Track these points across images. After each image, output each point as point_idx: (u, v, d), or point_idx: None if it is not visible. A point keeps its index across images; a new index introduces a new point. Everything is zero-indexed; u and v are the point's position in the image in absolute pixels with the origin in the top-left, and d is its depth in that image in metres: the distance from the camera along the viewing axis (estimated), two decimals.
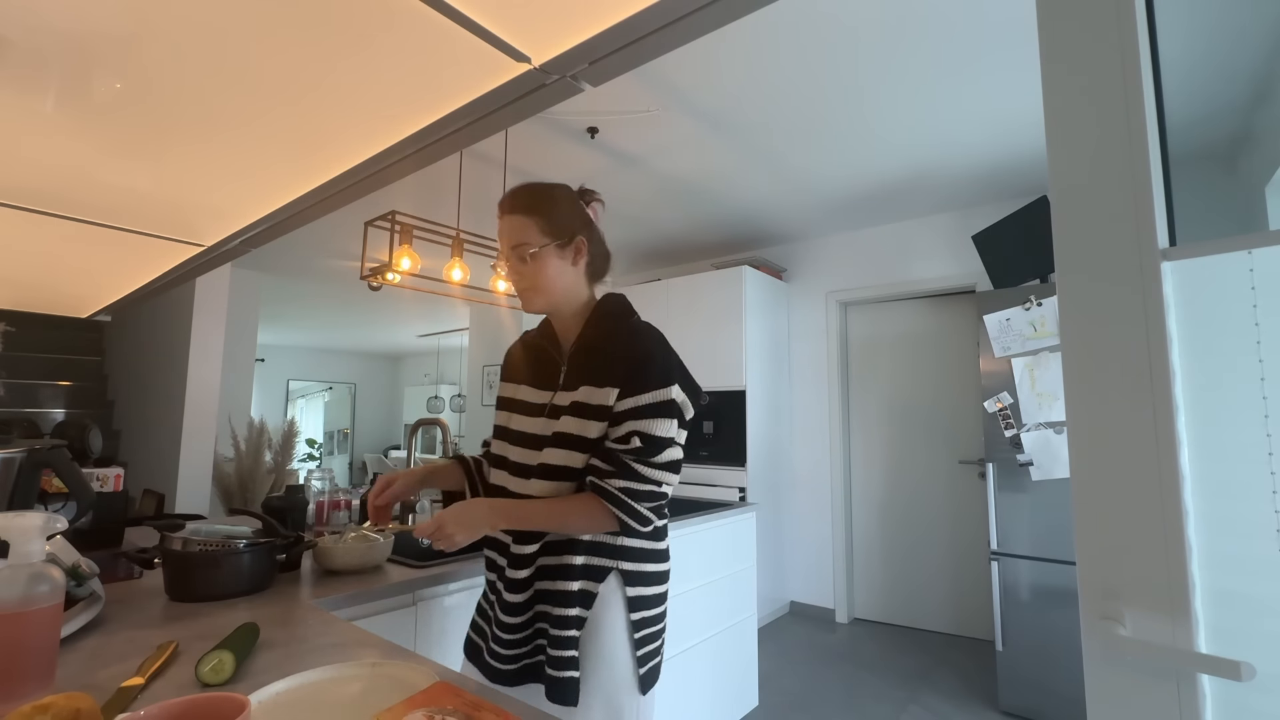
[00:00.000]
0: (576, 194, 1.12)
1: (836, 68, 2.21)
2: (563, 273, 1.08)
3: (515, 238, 1.05)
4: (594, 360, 1.06)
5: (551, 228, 1.06)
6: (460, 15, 0.50)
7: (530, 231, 1.05)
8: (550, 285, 1.07)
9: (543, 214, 1.05)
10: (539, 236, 1.05)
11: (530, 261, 1.05)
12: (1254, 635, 0.64)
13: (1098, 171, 0.73)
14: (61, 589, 0.76)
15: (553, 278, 1.07)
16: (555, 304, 1.10)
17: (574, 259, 1.09)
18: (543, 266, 1.06)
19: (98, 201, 0.96)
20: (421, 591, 1.48)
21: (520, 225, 1.05)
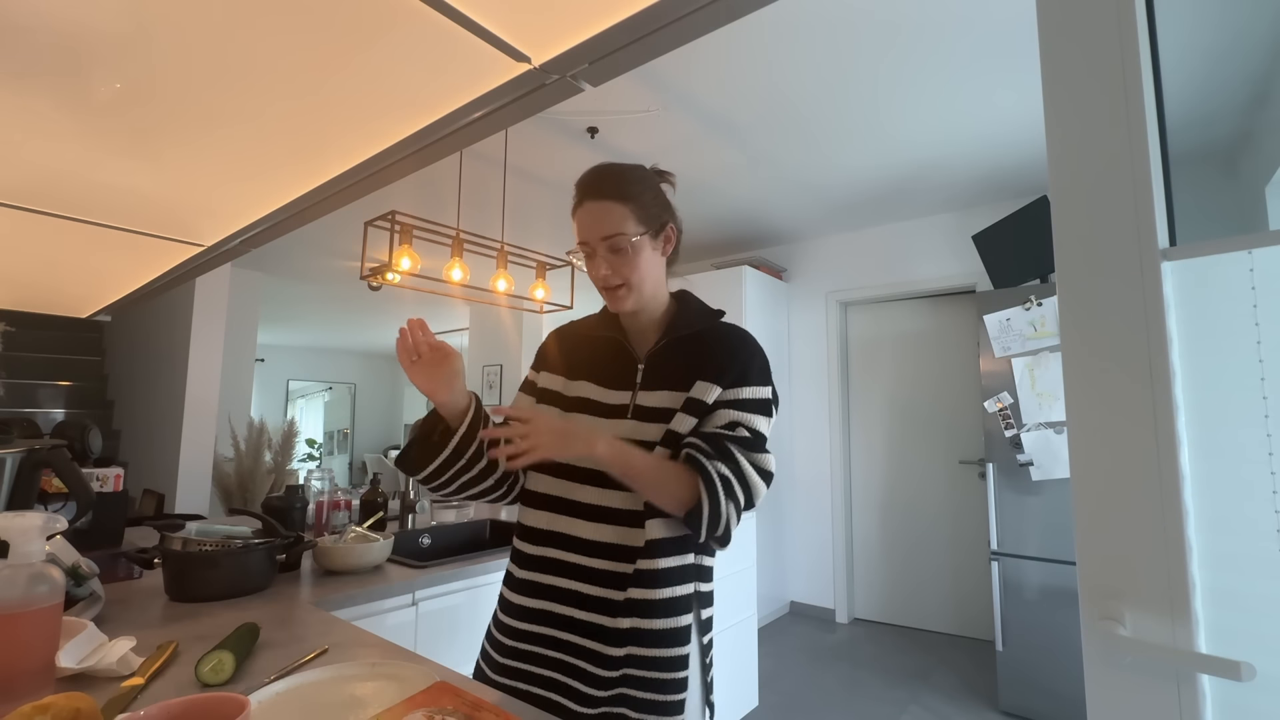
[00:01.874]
0: (655, 174, 1.01)
1: (836, 68, 2.21)
2: (655, 265, 0.98)
3: (609, 227, 0.92)
4: (691, 359, 0.96)
5: (645, 215, 0.95)
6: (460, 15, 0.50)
7: (626, 220, 0.93)
8: (644, 280, 0.96)
9: (636, 200, 0.94)
10: (635, 225, 0.93)
11: (625, 254, 0.93)
12: (1254, 635, 0.64)
13: (1098, 171, 0.73)
14: (61, 589, 0.76)
15: (647, 271, 0.96)
16: (645, 300, 0.98)
17: (664, 249, 1.00)
18: (639, 259, 0.94)
19: (98, 201, 0.96)
20: (421, 591, 1.48)
21: (613, 213, 0.93)
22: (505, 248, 2.59)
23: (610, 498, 0.92)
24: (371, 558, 1.50)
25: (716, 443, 0.88)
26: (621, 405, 0.96)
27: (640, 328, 1.02)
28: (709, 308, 1.04)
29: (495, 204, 3.21)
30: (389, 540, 1.57)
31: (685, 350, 0.97)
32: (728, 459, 0.87)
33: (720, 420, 0.91)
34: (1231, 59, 2.15)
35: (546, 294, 2.77)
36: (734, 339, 0.99)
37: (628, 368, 0.99)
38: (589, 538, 0.92)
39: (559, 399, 1.01)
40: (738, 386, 0.93)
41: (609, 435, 0.87)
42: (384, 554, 1.55)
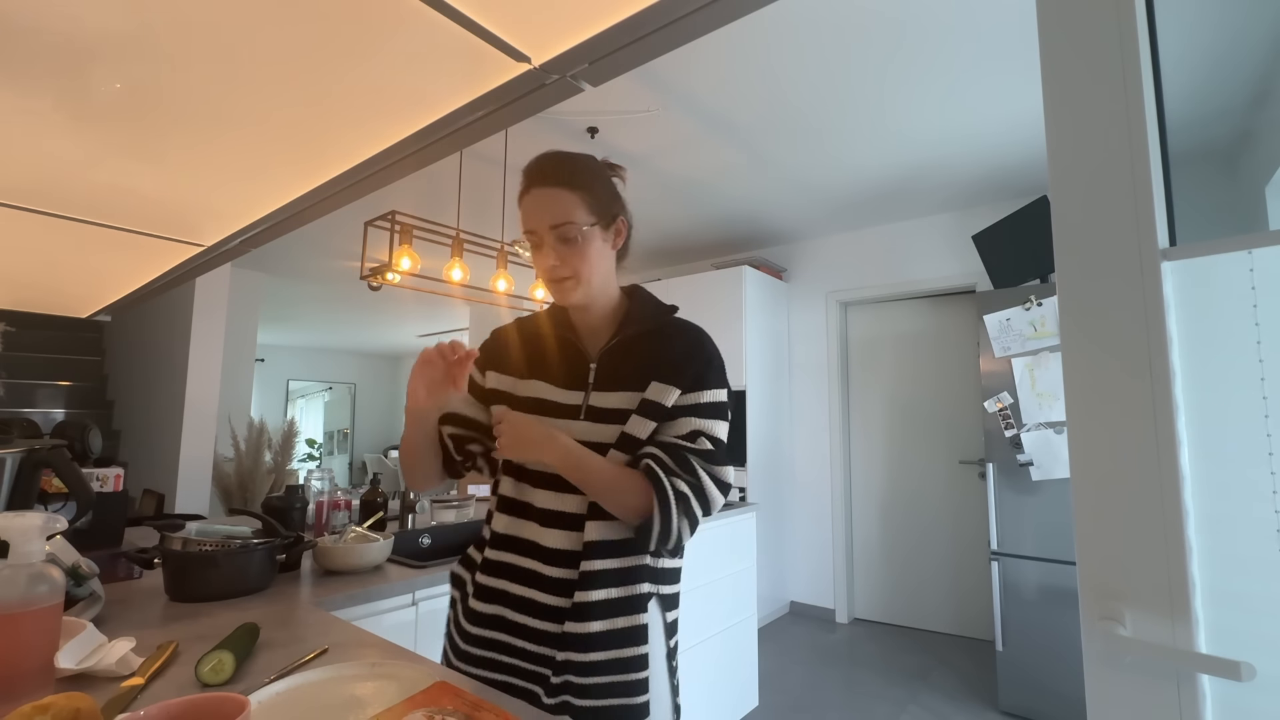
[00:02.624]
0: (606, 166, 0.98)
1: (837, 68, 2.21)
2: (604, 258, 0.94)
3: (559, 215, 0.89)
4: (645, 359, 0.93)
5: (596, 205, 0.91)
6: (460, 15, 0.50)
7: (576, 208, 0.89)
8: (593, 272, 0.92)
9: (587, 189, 0.91)
10: (585, 215, 0.90)
11: (575, 244, 0.89)
12: (1254, 635, 0.64)
13: (1098, 171, 0.73)
14: (61, 589, 0.76)
15: (597, 264, 0.92)
16: (594, 294, 0.94)
17: (615, 242, 0.96)
18: (588, 250, 0.90)
19: (98, 201, 0.96)
20: (421, 591, 1.48)
21: (564, 200, 0.89)
22: (505, 248, 2.58)
23: (565, 502, 0.90)
24: (371, 558, 1.50)
25: (678, 455, 0.88)
26: (574, 406, 0.93)
27: (591, 325, 0.99)
28: (662, 303, 1.01)
29: (495, 204, 3.21)
30: (389, 540, 1.57)
31: (639, 348, 0.95)
32: (689, 473, 0.87)
33: (681, 429, 0.90)
34: (1231, 59, 2.15)
35: (547, 294, 2.77)
36: (689, 337, 0.96)
37: (580, 367, 0.96)
38: (544, 544, 0.90)
39: (509, 399, 0.97)
40: (697, 390, 0.91)
41: (565, 439, 0.86)
42: (384, 554, 1.55)
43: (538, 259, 0.92)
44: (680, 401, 0.90)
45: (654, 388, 0.90)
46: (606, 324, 0.99)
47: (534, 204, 0.91)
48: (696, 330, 0.98)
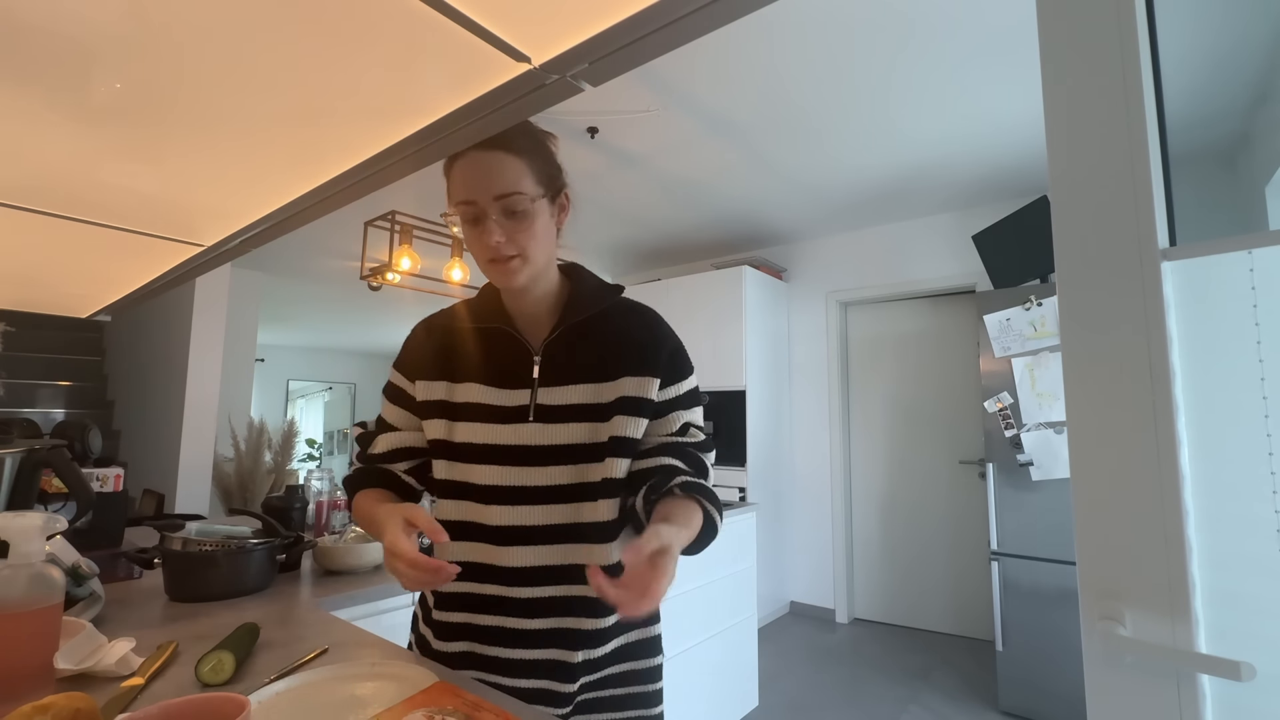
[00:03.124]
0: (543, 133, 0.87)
1: (837, 68, 2.21)
2: (550, 235, 0.84)
3: (504, 183, 0.77)
4: (600, 347, 0.85)
5: (543, 175, 0.81)
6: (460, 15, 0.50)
7: (523, 176, 0.78)
8: (539, 251, 0.81)
9: (532, 155, 0.80)
10: (533, 185, 0.79)
11: (523, 218, 0.79)
12: (1254, 635, 0.64)
13: (1098, 171, 0.73)
14: (61, 589, 0.76)
15: (542, 241, 0.82)
16: (536, 276, 0.84)
17: (559, 218, 0.86)
18: (534, 226, 0.80)
19: (98, 201, 0.96)
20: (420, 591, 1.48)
21: (510, 167, 0.78)
22: None
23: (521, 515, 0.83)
24: (371, 558, 1.50)
25: (687, 455, 0.84)
26: (520, 407, 0.84)
27: (529, 313, 0.88)
28: (606, 283, 0.92)
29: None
30: None
31: (589, 335, 0.86)
32: (704, 471, 0.85)
33: (673, 425, 0.86)
34: (1231, 59, 2.15)
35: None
36: (646, 320, 0.89)
37: (521, 362, 0.86)
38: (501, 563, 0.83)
39: (446, 408, 0.86)
40: (675, 380, 0.86)
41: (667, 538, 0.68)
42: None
43: (475, 235, 0.80)
44: (664, 395, 0.85)
45: (630, 382, 0.83)
46: (548, 310, 0.88)
47: (472, 170, 0.78)
48: (650, 312, 0.91)
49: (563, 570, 0.83)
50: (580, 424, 0.83)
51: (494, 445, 0.83)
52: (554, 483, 0.83)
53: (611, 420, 0.82)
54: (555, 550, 0.83)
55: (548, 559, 0.83)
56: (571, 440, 0.82)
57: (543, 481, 0.83)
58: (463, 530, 0.85)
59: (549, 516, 0.83)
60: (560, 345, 0.86)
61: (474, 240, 0.81)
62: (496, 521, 0.83)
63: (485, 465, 0.83)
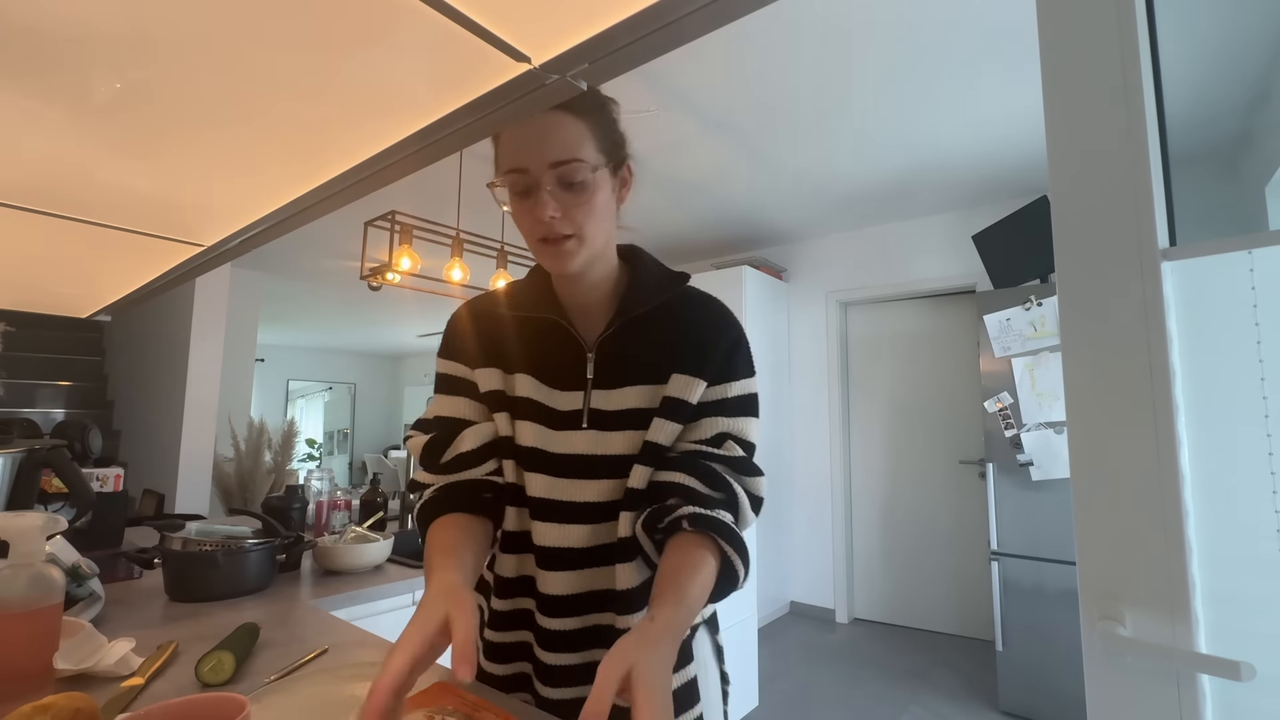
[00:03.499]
0: None
1: (837, 68, 2.21)
2: (610, 213, 0.72)
3: (564, 148, 0.66)
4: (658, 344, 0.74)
5: (609, 142, 0.70)
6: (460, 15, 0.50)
7: (585, 142, 0.67)
8: (598, 230, 0.70)
9: (595, 117, 0.69)
10: (595, 151, 0.68)
11: (582, 191, 0.67)
12: (1254, 635, 0.64)
13: (1098, 171, 0.73)
14: (61, 589, 0.76)
15: (602, 219, 0.70)
16: (592, 260, 0.73)
17: (621, 194, 0.75)
18: (595, 200, 0.68)
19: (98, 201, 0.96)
20: (421, 592, 1.48)
21: (571, 130, 0.67)
22: (505, 248, 2.58)
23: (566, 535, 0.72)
24: (371, 558, 1.50)
25: (713, 477, 0.70)
26: (573, 412, 0.73)
27: (583, 302, 0.77)
28: (670, 270, 0.80)
29: (495, 204, 3.20)
30: (389, 540, 1.57)
31: (648, 331, 0.75)
32: (733, 498, 0.70)
33: (705, 432, 0.73)
34: (1231, 59, 2.15)
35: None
36: (711, 315, 0.78)
37: (574, 359, 0.75)
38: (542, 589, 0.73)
39: (504, 400, 0.75)
40: (724, 382, 0.74)
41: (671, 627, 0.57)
42: (384, 554, 1.55)
43: (525, 208, 0.68)
44: (705, 397, 0.73)
45: (676, 381, 0.72)
46: (604, 300, 0.77)
47: (526, 132, 0.67)
48: (716, 304, 0.79)
49: (590, 598, 0.73)
50: (637, 432, 0.72)
51: (545, 452, 0.73)
52: (600, 499, 0.72)
53: (651, 425, 0.71)
54: (586, 576, 0.73)
55: (579, 586, 0.73)
56: (624, 450, 0.72)
57: (593, 497, 0.72)
58: (519, 542, 0.76)
59: (593, 538, 0.72)
60: (616, 342, 0.75)
61: (523, 215, 0.69)
62: (541, 540, 0.73)
63: (536, 474, 0.73)
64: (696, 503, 0.69)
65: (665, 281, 0.78)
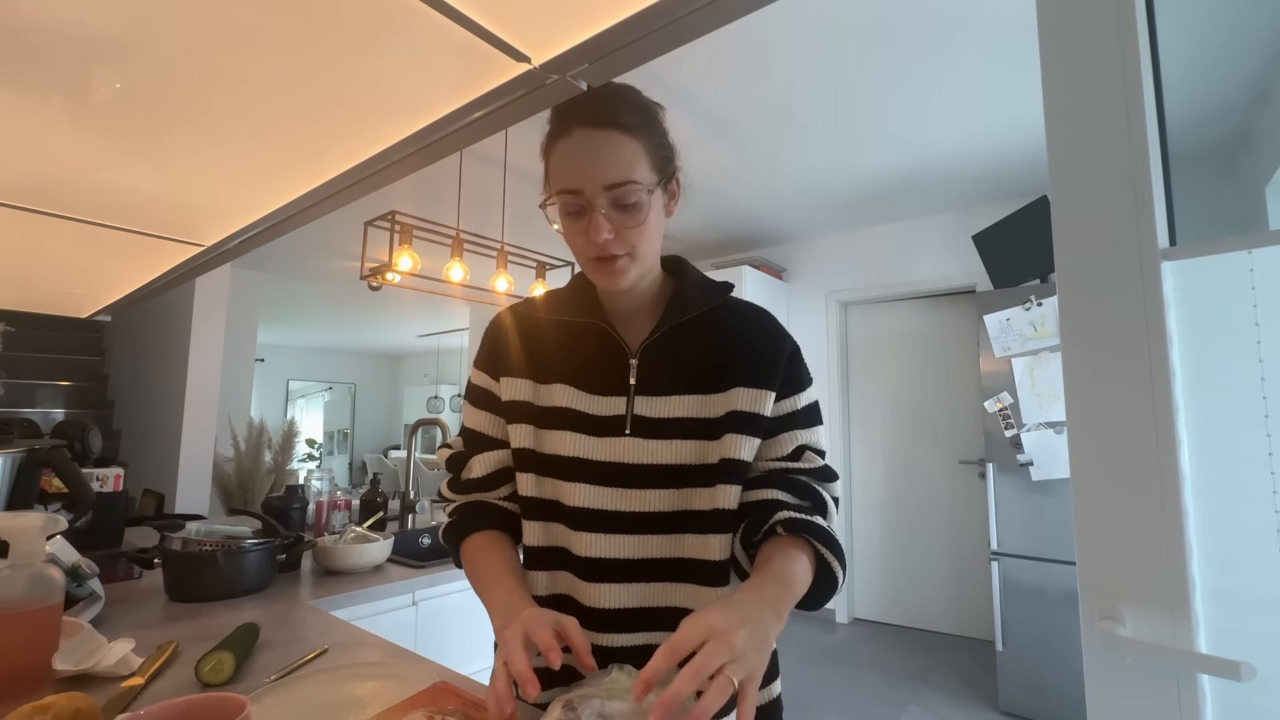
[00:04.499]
0: None
1: (837, 68, 2.21)
2: (660, 230, 0.72)
3: (620, 171, 0.65)
4: (706, 352, 0.74)
5: (660, 159, 0.69)
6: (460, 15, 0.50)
7: (639, 163, 0.66)
8: (650, 249, 0.70)
9: (649, 135, 0.68)
10: (649, 172, 0.67)
11: (637, 212, 0.67)
12: (1254, 635, 0.64)
13: (1098, 171, 0.73)
14: (61, 589, 0.76)
15: (654, 238, 0.70)
16: (644, 277, 0.73)
17: (670, 207, 0.74)
18: (647, 220, 0.68)
19: (98, 201, 0.96)
20: (421, 591, 1.48)
21: (626, 151, 0.66)
22: (505, 248, 2.59)
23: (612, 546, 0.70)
24: (371, 558, 1.50)
25: (805, 490, 0.71)
26: (615, 418, 0.72)
27: (628, 309, 0.77)
28: (714, 280, 0.81)
29: (495, 204, 3.20)
30: (389, 540, 1.57)
31: (696, 339, 0.75)
32: (822, 505, 0.72)
33: (785, 448, 0.73)
34: (1231, 59, 2.15)
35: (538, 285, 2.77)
36: (766, 325, 0.78)
37: (617, 365, 0.74)
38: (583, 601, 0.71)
39: (530, 411, 0.75)
40: (792, 394, 0.75)
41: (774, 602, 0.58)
42: (384, 554, 1.55)
43: (578, 229, 0.68)
44: (777, 411, 0.73)
45: (742, 394, 0.71)
46: (648, 308, 0.77)
47: (581, 152, 0.66)
48: (766, 314, 0.80)
49: (659, 614, 0.70)
50: (686, 441, 0.70)
51: (585, 460, 0.71)
52: (652, 509, 0.70)
53: (723, 439, 0.70)
54: (650, 590, 0.70)
55: (640, 600, 0.70)
56: (676, 460, 0.70)
57: (639, 507, 0.70)
58: (550, 558, 0.74)
59: (644, 549, 0.70)
60: (661, 348, 0.74)
61: (576, 235, 0.69)
62: (584, 552, 0.70)
63: (575, 484, 0.71)
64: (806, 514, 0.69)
65: (710, 290, 0.79)
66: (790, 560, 0.64)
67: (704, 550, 0.70)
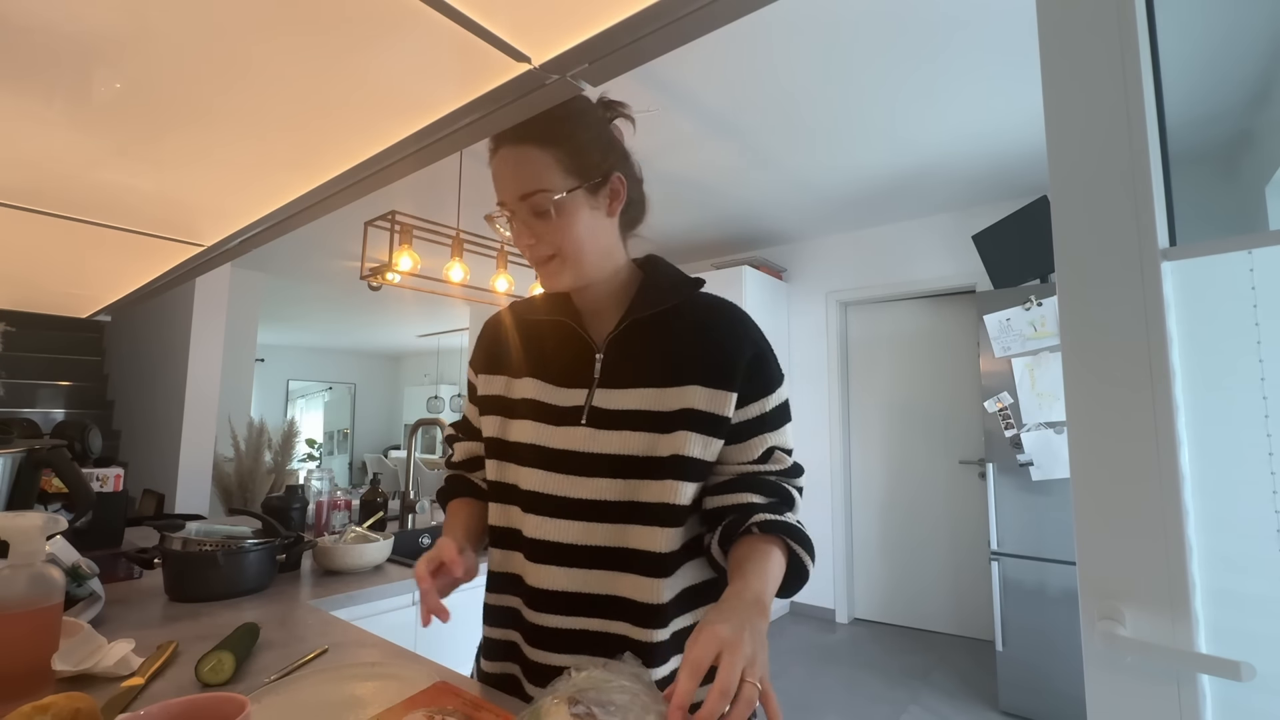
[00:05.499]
0: (601, 106, 0.80)
1: (837, 67, 2.21)
2: (597, 229, 0.75)
3: (526, 181, 0.71)
4: (668, 347, 0.76)
5: (579, 164, 0.72)
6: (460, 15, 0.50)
7: (549, 171, 0.71)
8: (581, 249, 0.73)
9: (566, 143, 0.71)
10: (562, 178, 0.71)
11: (552, 217, 0.71)
12: (1254, 635, 0.64)
13: (1098, 171, 0.73)
14: (61, 589, 0.76)
15: (584, 238, 0.73)
16: (588, 274, 0.76)
17: (610, 207, 0.77)
18: (570, 222, 0.72)
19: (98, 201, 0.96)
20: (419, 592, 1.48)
21: (532, 162, 0.71)
22: (505, 248, 2.58)
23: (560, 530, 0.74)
24: (371, 558, 1.50)
25: (775, 490, 0.75)
26: (574, 408, 0.75)
27: (595, 306, 0.81)
28: (684, 275, 0.82)
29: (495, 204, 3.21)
30: (389, 540, 1.57)
31: (659, 334, 0.77)
32: (793, 504, 0.76)
33: (756, 451, 0.75)
34: (1231, 59, 2.15)
35: None
36: (730, 322, 0.78)
37: (582, 359, 0.78)
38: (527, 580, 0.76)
39: (502, 404, 0.81)
40: (761, 395, 0.75)
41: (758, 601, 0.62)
42: (384, 554, 1.55)
43: (514, 237, 0.76)
44: (745, 414, 0.75)
45: (699, 392, 0.73)
46: (613, 303, 0.80)
47: (498, 169, 0.74)
48: (734, 310, 0.80)
49: (601, 601, 0.73)
50: (636, 433, 0.72)
51: (541, 447, 0.75)
52: (599, 497, 0.73)
53: (674, 434, 0.72)
54: (593, 576, 0.73)
55: (583, 585, 0.73)
56: (625, 450, 0.72)
57: (588, 494, 0.73)
58: (505, 539, 0.79)
59: (588, 536, 0.73)
60: (625, 342, 0.77)
61: (515, 241, 0.76)
62: (532, 534, 0.75)
63: (530, 469, 0.76)
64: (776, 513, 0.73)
65: (679, 285, 0.81)
66: (767, 558, 0.68)
67: (649, 542, 0.72)
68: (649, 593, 0.72)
